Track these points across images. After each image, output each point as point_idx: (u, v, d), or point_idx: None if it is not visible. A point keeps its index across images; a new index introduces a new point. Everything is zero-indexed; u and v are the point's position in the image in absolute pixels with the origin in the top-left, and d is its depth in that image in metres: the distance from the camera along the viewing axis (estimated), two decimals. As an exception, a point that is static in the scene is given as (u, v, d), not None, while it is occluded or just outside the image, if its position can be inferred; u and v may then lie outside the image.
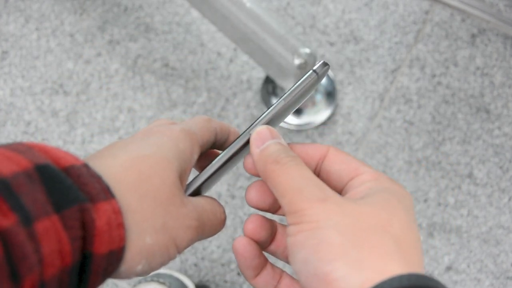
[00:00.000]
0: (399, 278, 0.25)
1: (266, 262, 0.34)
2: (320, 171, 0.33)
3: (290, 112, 0.36)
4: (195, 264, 0.88)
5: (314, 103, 0.92)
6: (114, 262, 0.28)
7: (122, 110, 0.94)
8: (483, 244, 0.88)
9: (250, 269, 0.34)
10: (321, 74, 0.35)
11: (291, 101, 0.35)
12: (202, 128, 0.35)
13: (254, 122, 0.35)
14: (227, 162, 0.35)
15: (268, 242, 0.35)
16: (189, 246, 0.32)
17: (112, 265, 0.28)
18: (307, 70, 0.78)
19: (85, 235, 0.26)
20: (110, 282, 0.88)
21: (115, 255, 0.27)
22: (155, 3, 0.99)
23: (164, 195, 0.30)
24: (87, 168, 0.28)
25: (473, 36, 0.96)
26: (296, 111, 0.38)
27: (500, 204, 0.90)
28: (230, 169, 0.36)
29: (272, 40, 0.78)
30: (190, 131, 0.33)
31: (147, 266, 0.29)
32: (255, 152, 0.32)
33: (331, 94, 0.93)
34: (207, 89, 0.94)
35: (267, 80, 0.94)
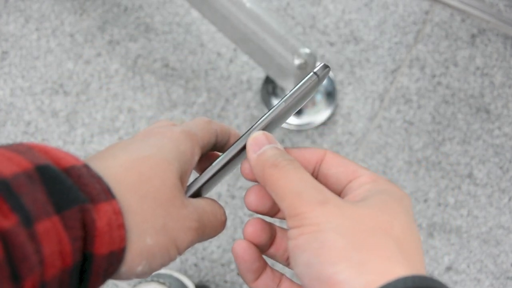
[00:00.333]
0: (404, 280, 0.25)
1: (266, 265, 0.34)
2: (317, 175, 0.33)
3: (291, 114, 0.36)
4: (195, 264, 0.88)
5: (314, 103, 0.92)
6: (114, 263, 0.28)
7: (122, 110, 0.94)
8: (483, 244, 0.88)
9: (250, 272, 0.34)
10: (321, 76, 0.35)
11: (292, 103, 0.35)
12: (202, 130, 0.35)
13: (254, 124, 0.35)
14: (227, 164, 0.34)
15: (268, 246, 0.35)
16: (189, 247, 0.32)
17: (112, 265, 0.28)
18: (307, 70, 0.78)
19: (85, 236, 0.26)
20: (110, 283, 0.88)
21: (115, 256, 0.27)
22: (155, 3, 0.99)
23: (164, 196, 0.30)
24: (87, 168, 0.28)
25: (473, 36, 0.96)
26: (296, 111, 0.37)
27: (500, 204, 0.90)
28: (231, 171, 0.36)
29: (272, 40, 0.78)
30: (190, 132, 0.33)
31: (148, 267, 0.29)
32: (252, 157, 0.32)
33: (331, 94, 0.93)
34: (207, 89, 0.94)
35: (267, 81, 0.94)
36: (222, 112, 0.93)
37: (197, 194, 0.35)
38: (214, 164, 0.34)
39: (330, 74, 0.94)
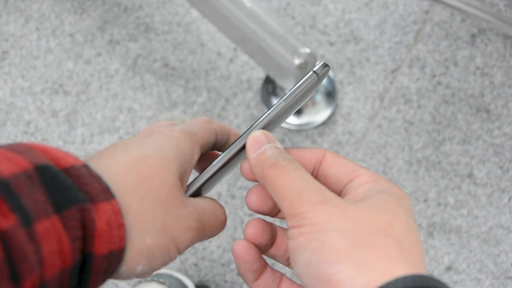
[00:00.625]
0: (404, 279, 0.25)
1: (266, 265, 0.34)
2: (317, 175, 0.33)
3: (291, 113, 0.36)
4: (195, 264, 0.88)
5: (314, 103, 0.92)
6: (114, 263, 0.28)
7: (122, 110, 0.94)
8: (483, 244, 0.88)
9: (250, 272, 0.34)
10: (321, 75, 0.35)
11: (292, 102, 0.35)
12: (202, 129, 0.35)
13: (254, 123, 0.35)
14: (227, 163, 0.34)
15: (268, 246, 0.35)
16: (189, 247, 0.32)
17: (112, 265, 0.28)
18: (307, 70, 0.78)
19: (85, 236, 0.26)
20: (110, 282, 0.88)
21: (115, 255, 0.27)
22: (155, 3, 0.99)
23: (164, 195, 0.30)
24: (87, 168, 0.28)
25: (473, 36, 0.96)
26: (296, 111, 0.37)
27: (500, 204, 0.90)
28: (231, 170, 0.36)
29: (272, 40, 0.78)
30: (190, 131, 0.33)
31: (148, 267, 0.29)
32: (251, 156, 0.32)
33: (331, 94, 0.93)
34: (207, 89, 0.94)
35: (267, 80, 0.94)
36: (222, 112, 0.93)
37: (197, 194, 0.35)
38: (214, 163, 0.34)
39: (330, 74, 0.94)
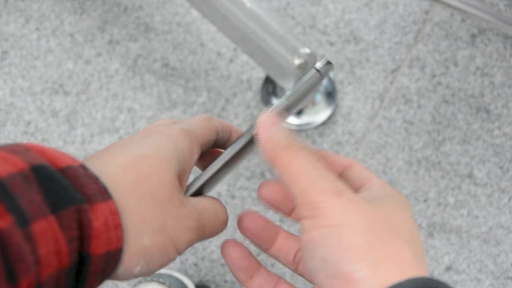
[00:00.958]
0: (415, 281, 0.25)
1: (260, 265, 0.34)
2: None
3: (292, 111, 0.36)
4: (195, 264, 0.88)
5: (314, 103, 0.92)
6: (111, 263, 0.28)
7: (122, 110, 0.94)
8: (483, 244, 0.88)
9: (240, 271, 0.34)
10: (324, 72, 0.35)
11: (293, 100, 0.34)
12: (202, 127, 0.34)
13: (255, 122, 0.34)
14: (228, 162, 0.34)
15: (267, 243, 0.35)
16: (189, 247, 0.31)
17: (109, 266, 0.28)
18: (307, 70, 0.78)
19: (82, 236, 0.26)
20: (110, 282, 0.88)
21: (112, 256, 0.27)
22: (155, 3, 0.99)
23: (162, 195, 0.30)
24: (84, 168, 0.28)
25: (473, 36, 0.96)
26: (296, 111, 0.37)
27: (500, 204, 0.90)
28: (232, 169, 0.36)
29: (272, 40, 0.78)
30: (189, 130, 0.33)
31: (146, 268, 0.29)
32: (263, 137, 0.31)
33: (331, 94, 0.93)
34: (207, 89, 0.94)
35: (267, 80, 0.94)
36: (222, 112, 0.93)
37: (198, 193, 0.34)
38: (215, 162, 0.34)
39: (330, 74, 0.94)
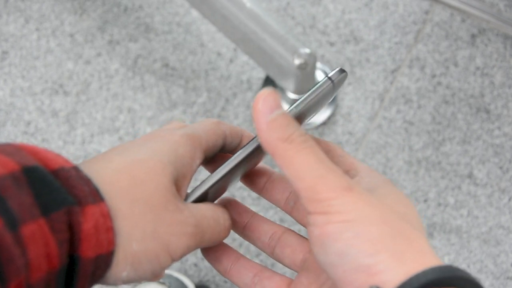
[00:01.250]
0: (439, 269, 0.25)
1: (239, 256, 0.35)
2: None
3: (303, 122, 0.33)
4: (195, 264, 0.88)
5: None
6: (102, 267, 0.27)
7: (122, 110, 0.94)
8: (483, 244, 0.88)
9: (218, 262, 0.35)
10: (337, 82, 0.32)
11: (303, 109, 0.31)
12: (208, 132, 0.33)
13: None
14: (235, 168, 0.32)
15: (238, 223, 0.36)
16: (186, 253, 0.31)
17: (100, 269, 0.27)
18: (307, 70, 0.78)
19: (72, 239, 0.26)
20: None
21: (103, 259, 0.27)
22: (155, 3, 0.99)
23: (157, 200, 0.29)
24: (77, 170, 0.27)
25: (473, 36, 0.96)
26: (308, 120, 0.35)
27: (500, 204, 0.90)
28: (239, 175, 0.35)
29: (272, 40, 0.78)
30: (193, 135, 0.32)
31: (133, 274, 0.28)
32: (262, 124, 0.28)
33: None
34: (207, 89, 0.94)
35: (267, 80, 0.94)
36: (222, 112, 0.93)
37: (202, 199, 0.33)
38: (219, 168, 0.33)
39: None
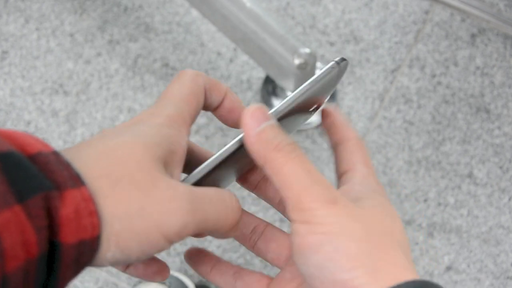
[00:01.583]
0: (412, 283, 0.26)
1: (219, 259, 0.35)
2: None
3: (309, 109, 0.32)
4: (195, 264, 0.88)
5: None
6: (87, 252, 0.26)
7: (122, 110, 0.94)
8: (483, 244, 0.88)
9: (199, 265, 0.35)
10: (343, 67, 0.32)
11: (313, 92, 0.31)
12: (188, 98, 0.32)
13: (280, 106, 0.31)
14: (226, 160, 0.31)
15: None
16: (186, 234, 0.29)
17: (84, 255, 0.26)
18: (307, 70, 0.78)
19: (51, 224, 0.25)
20: (110, 282, 0.88)
21: (88, 245, 0.26)
22: (155, 3, 0.99)
23: (142, 179, 0.28)
24: (56, 155, 0.26)
25: (473, 36, 0.96)
26: (316, 109, 0.36)
27: (500, 204, 0.90)
28: (233, 173, 0.33)
29: (272, 40, 0.78)
30: (175, 115, 0.31)
31: (120, 254, 0.27)
32: (251, 134, 0.29)
33: (331, 94, 0.93)
34: (207, 89, 0.94)
35: (267, 80, 0.94)
36: (222, 112, 0.93)
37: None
38: (209, 160, 0.31)
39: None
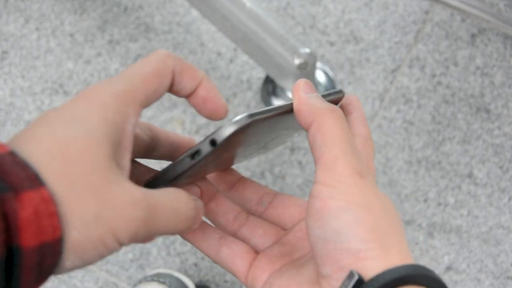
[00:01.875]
0: (415, 266, 0.27)
1: (204, 222, 0.35)
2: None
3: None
4: (195, 264, 0.88)
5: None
6: (49, 255, 0.25)
7: (122, 110, 0.94)
8: (483, 244, 0.88)
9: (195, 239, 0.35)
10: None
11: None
12: (147, 76, 0.30)
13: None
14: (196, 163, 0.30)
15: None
16: (136, 240, 0.28)
17: (48, 258, 0.26)
18: (307, 70, 0.78)
19: (9, 228, 0.24)
20: (110, 282, 0.88)
21: (50, 247, 0.25)
22: (155, 3, 0.99)
23: (97, 182, 0.27)
24: (12, 156, 0.25)
25: (473, 36, 0.96)
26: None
27: (500, 204, 0.90)
28: (207, 169, 0.33)
29: (272, 40, 0.78)
30: (124, 91, 0.30)
31: (79, 261, 0.27)
32: (303, 97, 0.32)
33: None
34: (207, 89, 0.94)
35: (267, 80, 0.94)
36: (222, 112, 0.93)
37: (168, 184, 0.31)
38: (180, 157, 0.30)
39: (330, 74, 0.94)
